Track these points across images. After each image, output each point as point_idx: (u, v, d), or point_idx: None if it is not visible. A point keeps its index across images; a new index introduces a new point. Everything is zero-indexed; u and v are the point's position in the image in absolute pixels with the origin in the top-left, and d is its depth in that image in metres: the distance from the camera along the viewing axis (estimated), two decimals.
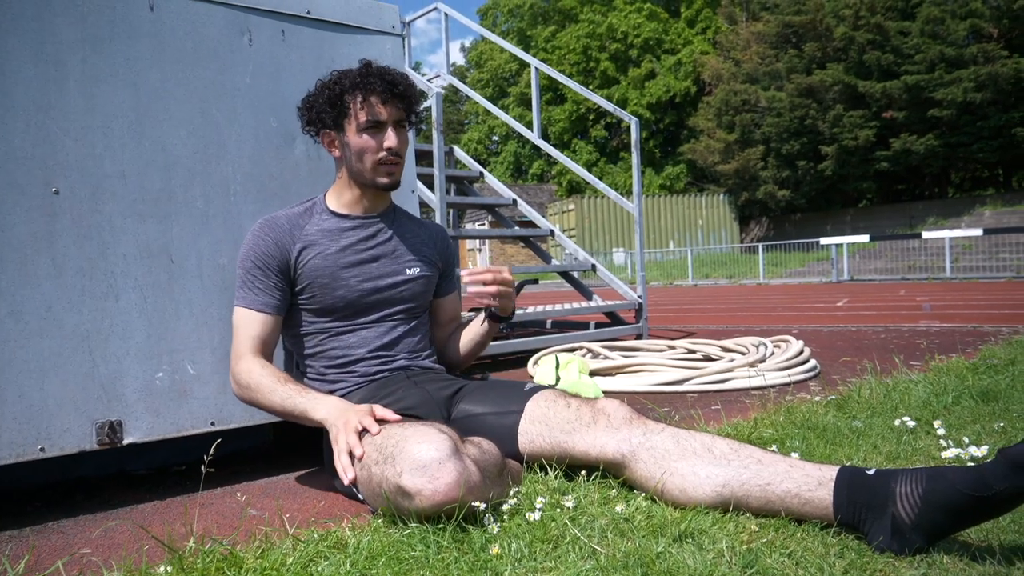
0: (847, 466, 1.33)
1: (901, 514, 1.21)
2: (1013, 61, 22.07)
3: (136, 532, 1.54)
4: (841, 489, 1.28)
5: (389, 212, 1.94)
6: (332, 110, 1.79)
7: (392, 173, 1.82)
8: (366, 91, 1.76)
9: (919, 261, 16.88)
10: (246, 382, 1.72)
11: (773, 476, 1.35)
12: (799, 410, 2.29)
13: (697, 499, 1.41)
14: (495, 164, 43.91)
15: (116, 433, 1.76)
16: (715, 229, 27.76)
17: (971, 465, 1.22)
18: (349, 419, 1.52)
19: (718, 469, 1.40)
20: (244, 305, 1.78)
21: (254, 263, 1.79)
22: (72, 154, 1.73)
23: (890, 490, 1.23)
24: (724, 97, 28.52)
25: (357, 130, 1.78)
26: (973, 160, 24.99)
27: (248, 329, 1.77)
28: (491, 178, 5.61)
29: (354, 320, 1.84)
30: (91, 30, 1.77)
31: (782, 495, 1.33)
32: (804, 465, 1.36)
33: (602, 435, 1.55)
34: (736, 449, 1.43)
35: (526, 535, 1.30)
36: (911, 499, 1.20)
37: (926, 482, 1.20)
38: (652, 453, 1.48)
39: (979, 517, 1.18)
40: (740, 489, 1.37)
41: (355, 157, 1.80)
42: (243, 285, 1.80)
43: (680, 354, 3.66)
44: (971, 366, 2.96)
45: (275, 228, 1.81)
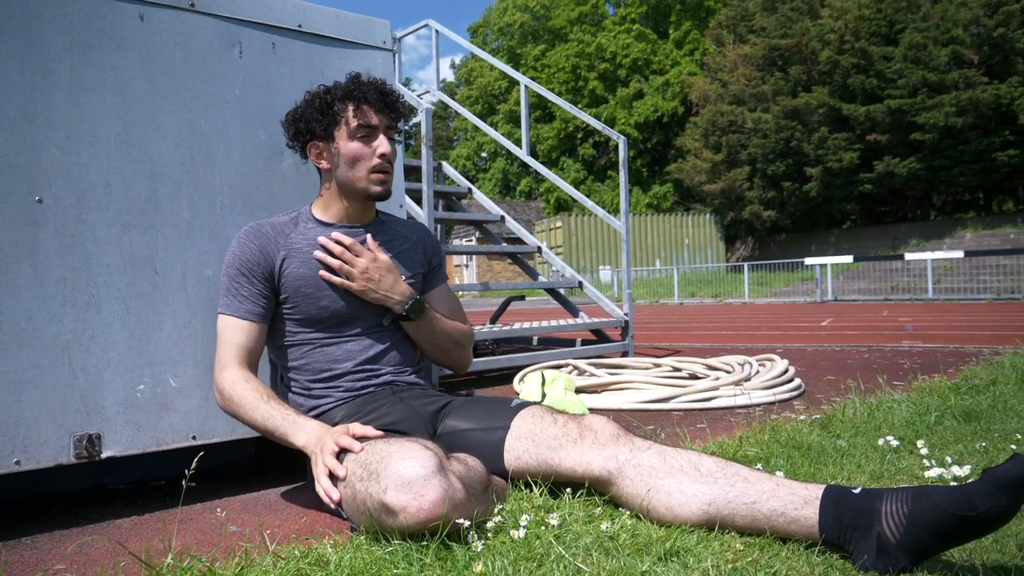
0: (833, 485, 1.33)
1: (886, 533, 1.21)
2: (993, 87, 22.43)
3: (113, 548, 1.51)
4: (827, 508, 1.28)
5: (375, 222, 1.93)
6: (323, 118, 1.78)
7: (384, 182, 1.81)
8: (358, 98, 1.76)
9: (902, 282, 17.03)
10: (228, 394, 1.69)
11: (759, 494, 1.35)
12: (784, 429, 2.29)
13: (683, 517, 1.40)
14: (483, 181, 44.03)
15: (95, 446, 1.73)
16: (701, 248, 27.91)
17: (956, 485, 1.22)
18: (325, 443, 1.51)
19: (704, 487, 1.39)
20: (228, 312, 1.76)
21: (239, 270, 1.77)
22: (57, 163, 1.72)
23: (875, 509, 1.23)
24: (711, 118, 28.78)
25: (349, 137, 1.77)
26: (955, 183, 25.30)
27: (232, 337, 1.75)
28: (479, 194, 5.62)
29: (339, 331, 1.82)
30: (79, 38, 1.76)
31: (768, 513, 1.33)
32: (790, 484, 1.36)
33: (589, 452, 1.54)
34: (722, 467, 1.42)
35: (510, 553, 1.28)
36: (896, 518, 1.20)
37: (911, 501, 1.21)
38: (639, 470, 1.47)
39: (964, 537, 1.18)
40: (726, 507, 1.37)
41: (347, 165, 1.79)
42: (228, 292, 1.78)
43: (666, 372, 3.66)
44: (953, 386, 2.98)
45: (260, 235, 1.80)
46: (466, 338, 2.02)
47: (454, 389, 2.11)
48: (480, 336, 4.09)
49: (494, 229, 5.87)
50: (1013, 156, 22.67)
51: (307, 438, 1.58)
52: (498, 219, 5.29)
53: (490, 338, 4.60)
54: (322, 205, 1.88)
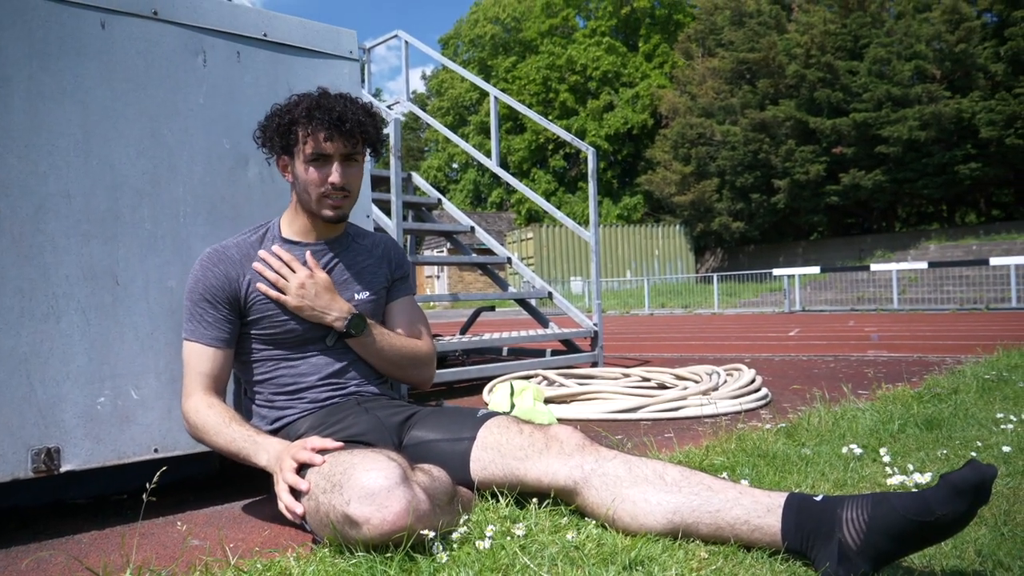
0: (795, 493, 1.34)
1: (847, 539, 1.22)
2: (955, 101, 22.95)
3: (70, 563, 1.48)
4: (789, 516, 1.30)
5: (341, 237, 1.91)
6: (280, 139, 1.77)
7: (339, 207, 1.78)
8: (312, 125, 1.71)
9: (867, 292, 17.30)
10: (193, 421, 1.71)
11: (723, 503, 1.35)
12: (750, 438, 2.31)
13: (648, 526, 1.40)
14: (454, 192, 44.01)
15: (53, 460, 1.70)
16: (671, 259, 28.13)
17: (915, 491, 1.24)
18: (284, 460, 1.49)
19: (669, 496, 1.40)
20: (193, 339, 1.75)
21: (202, 295, 1.75)
22: (15, 172, 1.69)
23: (836, 516, 1.24)
24: (680, 130, 29.08)
25: (303, 161, 1.75)
26: (918, 196, 25.80)
27: (197, 365, 1.74)
28: (449, 205, 5.61)
29: (304, 348, 1.81)
30: (39, 46, 1.73)
31: (732, 521, 1.34)
32: (753, 492, 1.37)
33: (554, 462, 1.53)
34: (687, 476, 1.43)
35: (475, 564, 1.28)
36: (856, 524, 1.22)
37: (871, 508, 1.22)
38: (604, 480, 1.47)
39: (923, 542, 1.20)
40: (691, 516, 1.37)
41: (302, 188, 1.78)
42: (191, 318, 1.76)
43: (634, 382, 3.68)
44: (916, 395, 3.02)
45: (224, 259, 1.78)
46: (423, 355, 1.95)
47: (423, 400, 2.09)
48: (450, 347, 4.08)
49: (465, 240, 5.86)
50: (975, 169, 23.18)
51: (268, 457, 1.56)
52: (468, 230, 5.29)
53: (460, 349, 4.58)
54: (289, 218, 1.87)
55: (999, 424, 2.38)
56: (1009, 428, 2.31)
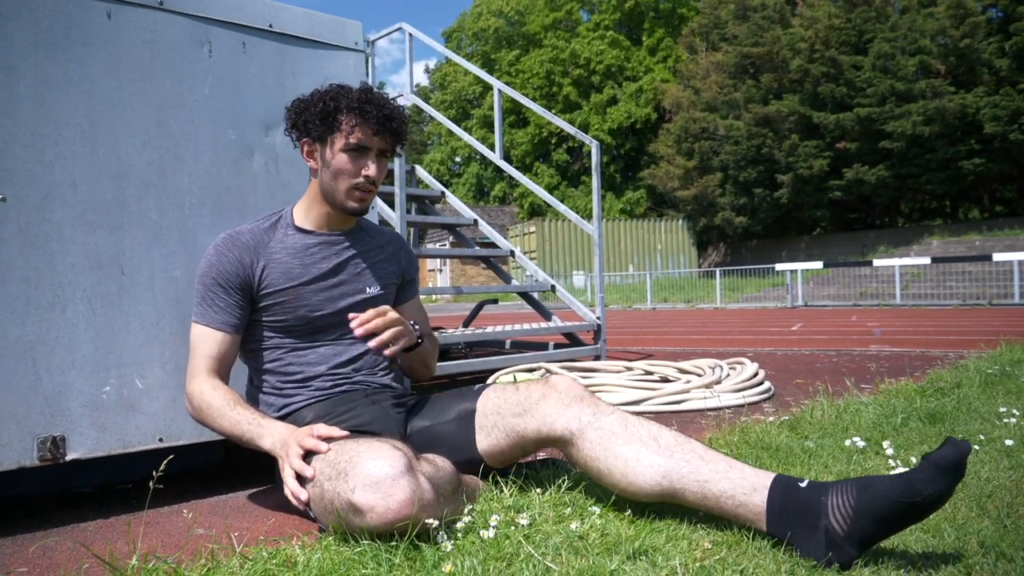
0: (781, 476, 1.36)
1: (834, 526, 1.24)
2: (959, 97, 22.89)
3: (76, 550, 1.49)
4: (774, 498, 1.32)
5: (354, 229, 1.91)
6: (321, 124, 1.75)
7: (363, 200, 1.79)
8: (361, 116, 1.73)
9: (870, 288, 17.28)
10: (197, 403, 1.69)
11: (712, 474, 1.38)
12: (753, 430, 2.31)
13: (638, 485, 1.43)
14: (457, 185, 44.00)
15: (59, 449, 1.70)
16: (674, 254, 28.12)
17: (896, 473, 1.26)
18: (290, 446, 1.50)
19: (661, 459, 1.42)
20: (203, 323, 1.75)
21: (215, 280, 1.75)
22: (21, 160, 1.69)
23: (822, 503, 1.27)
24: (683, 124, 29.04)
25: (341, 149, 1.74)
26: (922, 191, 25.77)
27: (205, 347, 1.73)
28: (452, 198, 5.61)
29: (313, 337, 1.81)
30: (45, 35, 1.74)
31: (718, 494, 1.36)
32: (743, 468, 1.39)
33: (552, 411, 1.56)
34: (680, 442, 1.45)
35: (480, 553, 1.28)
36: (843, 511, 1.24)
37: (856, 493, 1.24)
38: (600, 434, 1.50)
39: (907, 522, 1.23)
40: (679, 481, 1.40)
41: (331, 175, 1.77)
42: (202, 302, 1.75)
43: (637, 375, 3.68)
44: (919, 389, 3.02)
45: (238, 245, 1.77)
46: (436, 351, 2.06)
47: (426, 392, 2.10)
48: (453, 340, 4.09)
49: (468, 233, 5.87)
50: (978, 165, 23.14)
51: (273, 441, 1.57)
52: (471, 223, 5.29)
53: (463, 342, 4.59)
54: (304, 207, 1.85)
55: (1002, 418, 2.38)
56: (1012, 422, 2.31)
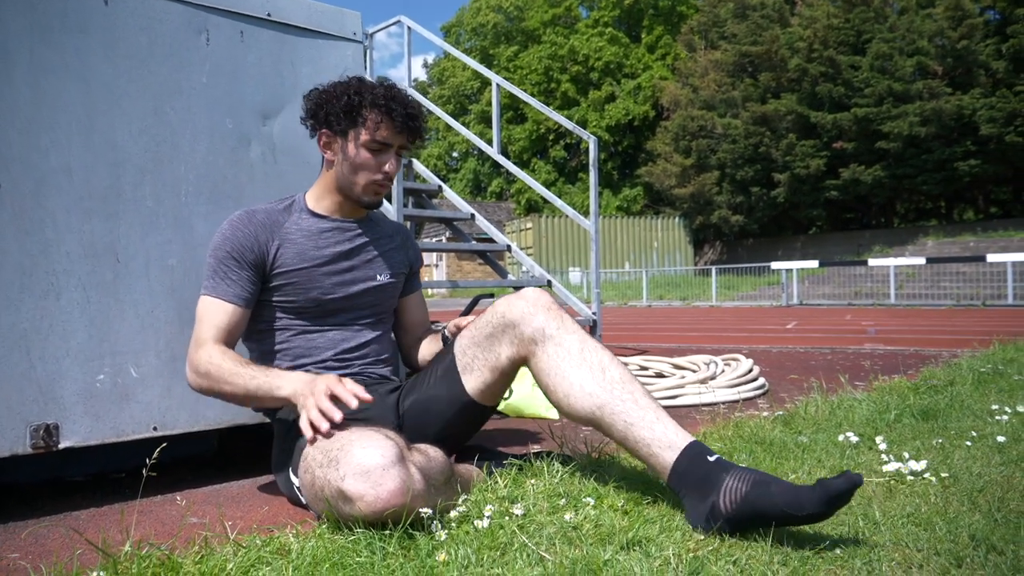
0: (696, 443, 1.44)
1: (720, 504, 1.34)
2: (956, 98, 22.92)
3: (69, 537, 1.49)
4: (682, 460, 1.42)
5: (365, 218, 1.91)
6: (344, 118, 1.74)
7: (379, 194, 1.81)
8: (388, 115, 1.73)
9: (865, 287, 17.31)
10: (205, 369, 1.63)
11: (639, 420, 1.47)
12: (747, 425, 2.32)
13: (575, 409, 1.54)
14: (454, 181, 43.94)
15: (52, 436, 1.70)
16: (670, 251, 28.13)
17: (792, 484, 1.33)
18: (318, 386, 1.50)
19: (601, 392, 1.50)
20: (214, 295, 1.71)
21: (229, 253, 1.72)
22: (16, 147, 1.68)
23: (719, 480, 1.36)
24: (681, 122, 29.03)
25: (363, 145, 1.74)
26: (917, 192, 25.81)
27: (214, 318, 1.69)
28: (450, 192, 5.60)
29: (323, 320, 1.81)
30: (40, 20, 1.73)
31: (637, 439, 1.47)
32: (668, 424, 1.47)
33: (520, 317, 1.61)
34: (624, 382, 1.52)
35: (474, 542, 1.28)
36: (733, 495, 1.34)
37: (751, 486, 1.33)
38: (558, 351, 1.57)
39: (781, 525, 1.33)
40: (609, 417, 1.49)
41: (349, 169, 1.77)
42: (215, 275, 1.72)
43: (633, 370, 3.68)
44: (912, 386, 3.04)
45: (254, 222, 1.76)
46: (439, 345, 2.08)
47: None
48: None
49: (465, 228, 5.86)
50: (974, 166, 23.18)
51: (293, 387, 1.55)
52: (468, 217, 5.28)
53: None
54: (317, 194, 1.85)
55: (994, 415, 2.39)
56: (1004, 419, 2.32)
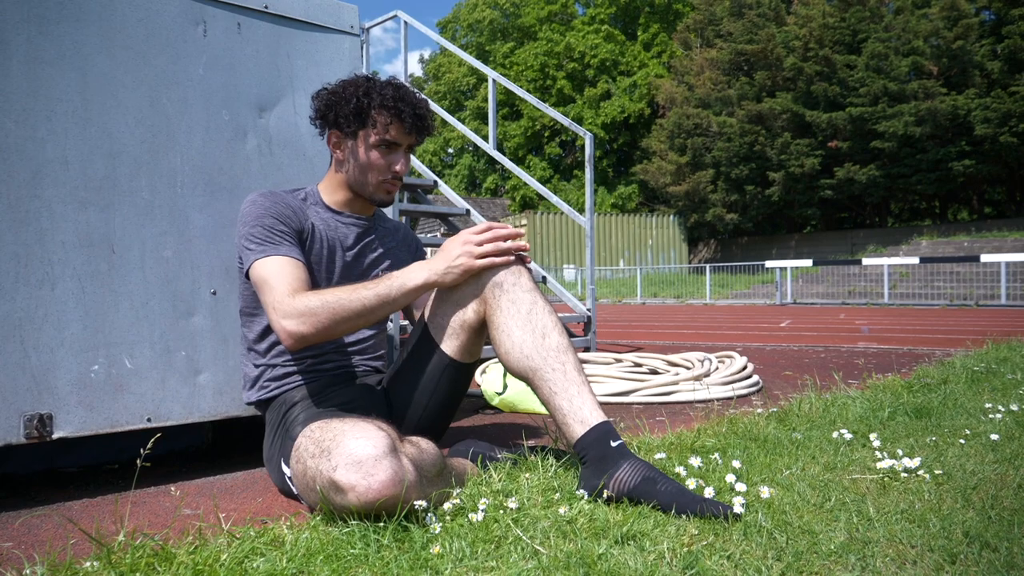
0: (606, 425, 1.53)
1: (608, 486, 1.47)
2: (951, 98, 22.99)
3: (63, 527, 1.48)
4: (587, 437, 1.52)
5: (374, 215, 1.93)
6: (353, 119, 1.75)
7: (391, 192, 1.82)
8: (397, 115, 1.74)
9: (859, 286, 17.37)
10: (314, 307, 1.57)
11: (562, 391, 1.55)
12: (741, 422, 2.32)
13: (510, 364, 1.62)
14: (449, 177, 43.89)
15: (46, 427, 1.69)
16: (664, 249, 28.17)
17: (681, 489, 1.43)
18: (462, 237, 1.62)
19: (538, 356, 1.57)
20: (277, 254, 1.67)
21: (276, 219, 1.71)
22: (12, 136, 1.67)
23: (616, 465, 1.47)
24: (677, 120, 29.05)
25: (373, 145, 1.76)
26: (912, 191, 25.89)
27: (289, 273, 1.65)
28: (445, 188, 5.59)
29: None
30: (38, 10, 1.72)
31: (556, 407, 1.56)
32: (585, 401, 1.55)
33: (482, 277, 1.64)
34: (561, 351, 1.58)
35: (468, 535, 1.28)
36: (622, 483, 1.46)
37: (639, 482, 1.45)
38: (510, 308, 1.62)
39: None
40: (539, 380, 1.58)
41: (359, 170, 1.79)
42: (268, 239, 1.68)
43: (627, 367, 3.69)
44: (906, 384, 3.05)
45: (285, 200, 1.77)
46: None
47: None
48: None
49: (460, 224, 5.85)
50: (968, 166, 23.27)
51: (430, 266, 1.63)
52: (464, 213, 5.28)
53: None
54: (329, 190, 1.87)
55: (987, 414, 2.40)
56: (997, 417, 2.33)
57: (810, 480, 1.65)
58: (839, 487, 1.61)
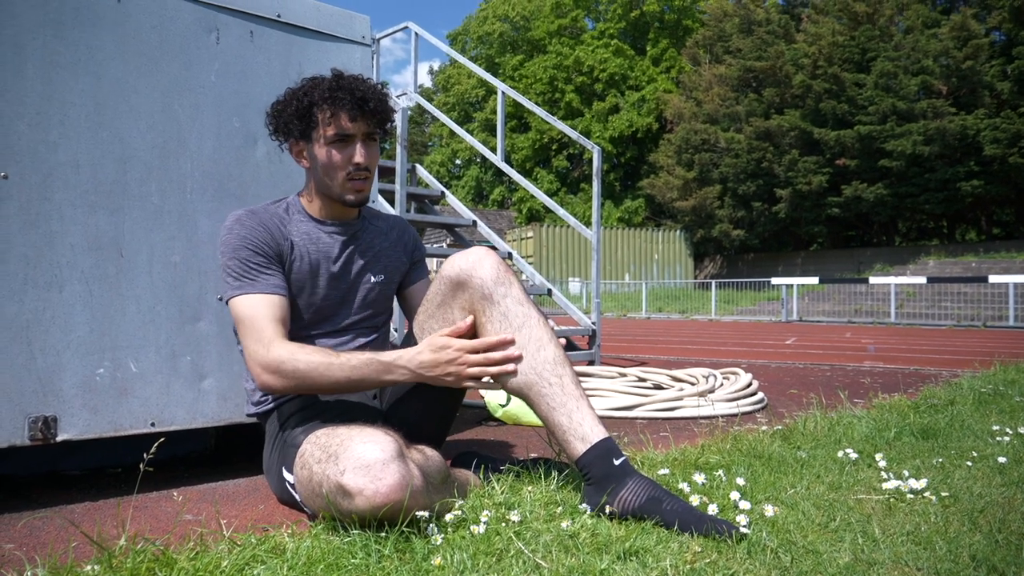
0: (607, 442, 1.51)
1: (612, 504, 1.46)
2: (960, 118, 22.96)
3: (65, 529, 1.48)
4: (589, 454, 1.50)
5: (358, 219, 1.87)
6: (300, 122, 1.71)
7: (360, 189, 1.73)
8: (335, 105, 1.67)
9: (865, 305, 17.32)
10: (292, 368, 1.55)
11: (561, 406, 1.53)
12: (746, 439, 2.31)
13: (505, 383, 1.58)
14: (457, 188, 43.98)
15: (50, 429, 1.69)
16: (670, 264, 28.13)
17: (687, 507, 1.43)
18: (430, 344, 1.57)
19: (532, 372, 1.55)
20: (254, 291, 1.63)
21: (253, 251, 1.66)
22: (25, 139, 1.68)
23: (620, 485, 1.47)
24: (685, 135, 29.07)
25: (324, 143, 1.70)
26: (920, 211, 25.82)
27: (268, 313, 1.61)
28: (452, 199, 5.61)
29: (317, 326, 1.77)
30: (54, 15, 1.73)
31: (556, 423, 1.54)
32: (584, 416, 1.53)
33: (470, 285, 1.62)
34: (556, 364, 1.56)
35: (470, 547, 1.28)
36: (625, 504, 1.46)
37: (644, 502, 1.45)
38: (501, 320, 1.59)
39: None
40: (535, 396, 1.55)
41: (322, 171, 1.72)
42: (244, 274, 1.64)
43: (631, 381, 3.68)
44: (912, 405, 3.03)
45: (263, 220, 1.71)
46: None
47: None
48: None
49: (466, 235, 5.86)
50: (977, 187, 23.20)
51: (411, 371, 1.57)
52: (470, 224, 5.29)
53: None
54: (307, 199, 1.81)
55: (995, 436, 2.38)
56: (1005, 440, 2.32)
57: (815, 499, 1.64)
58: (844, 507, 1.60)
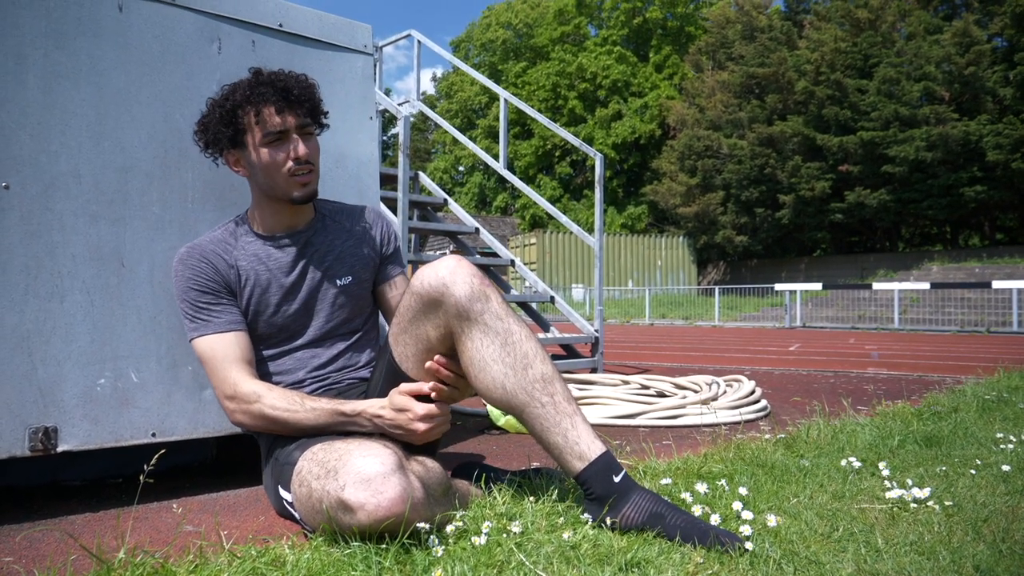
0: (605, 456, 1.47)
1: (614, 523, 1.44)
2: (963, 124, 22.97)
3: (64, 541, 1.48)
4: (588, 472, 1.47)
5: (313, 222, 1.78)
6: (227, 129, 1.64)
7: (306, 183, 1.66)
8: (259, 102, 1.61)
9: (869, 311, 17.28)
10: (257, 410, 1.56)
11: (555, 425, 1.48)
12: (749, 447, 2.30)
13: (492, 401, 1.52)
14: (460, 195, 44.04)
15: (51, 440, 1.69)
16: (673, 270, 28.12)
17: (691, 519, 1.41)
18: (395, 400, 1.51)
19: (521, 392, 1.48)
20: (209, 332, 1.63)
21: (199, 291, 1.64)
22: (26, 149, 1.69)
23: (623, 501, 1.44)
24: (687, 142, 29.12)
25: (258, 144, 1.63)
26: (923, 216, 25.81)
27: (228, 353, 1.61)
28: (455, 206, 5.61)
29: (289, 342, 1.74)
30: (56, 26, 1.74)
31: (550, 443, 1.49)
32: (580, 434, 1.48)
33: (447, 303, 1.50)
34: (547, 381, 1.49)
35: (471, 559, 1.27)
36: (627, 520, 1.43)
37: (647, 518, 1.42)
38: (482, 338, 1.49)
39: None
40: (527, 417, 1.50)
41: (263, 174, 1.65)
42: (196, 315, 1.64)
43: (634, 389, 3.67)
44: (916, 412, 3.02)
45: (205, 254, 1.68)
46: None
47: None
48: None
49: (469, 242, 5.86)
50: (980, 192, 23.20)
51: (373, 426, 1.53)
52: (473, 231, 5.29)
53: None
54: (255, 214, 1.76)
55: (999, 444, 2.37)
56: (1009, 448, 2.30)
57: (818, 509, 1.63)
58: (847, 516, 1.59)
